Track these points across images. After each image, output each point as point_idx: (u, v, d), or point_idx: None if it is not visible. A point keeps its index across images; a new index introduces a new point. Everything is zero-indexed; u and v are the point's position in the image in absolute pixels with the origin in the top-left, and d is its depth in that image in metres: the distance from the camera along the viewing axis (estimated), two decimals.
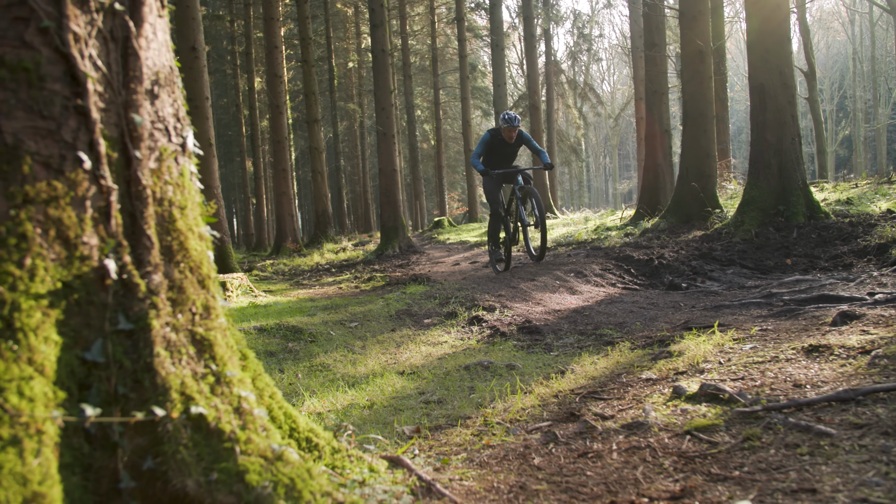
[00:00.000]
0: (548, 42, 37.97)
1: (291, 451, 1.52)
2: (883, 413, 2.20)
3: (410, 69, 37.35)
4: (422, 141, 47.07)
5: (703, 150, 13.03)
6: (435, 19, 37.16)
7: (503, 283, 7.80)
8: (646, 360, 3.77)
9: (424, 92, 47.30)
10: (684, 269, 8.26)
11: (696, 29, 13.33)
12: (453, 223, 29.82)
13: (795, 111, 10.52)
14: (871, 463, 1.85)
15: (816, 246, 8.71)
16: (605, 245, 11.55)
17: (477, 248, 17.36)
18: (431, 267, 12.78)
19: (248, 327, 5.83)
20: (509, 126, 9.53)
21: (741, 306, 5.40)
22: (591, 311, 6.16)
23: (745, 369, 3.11)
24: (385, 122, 17.46)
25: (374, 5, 17.44)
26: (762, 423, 2.27)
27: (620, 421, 2.61)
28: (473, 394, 3.66)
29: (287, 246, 23.22)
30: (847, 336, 3.44)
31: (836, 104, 67.30)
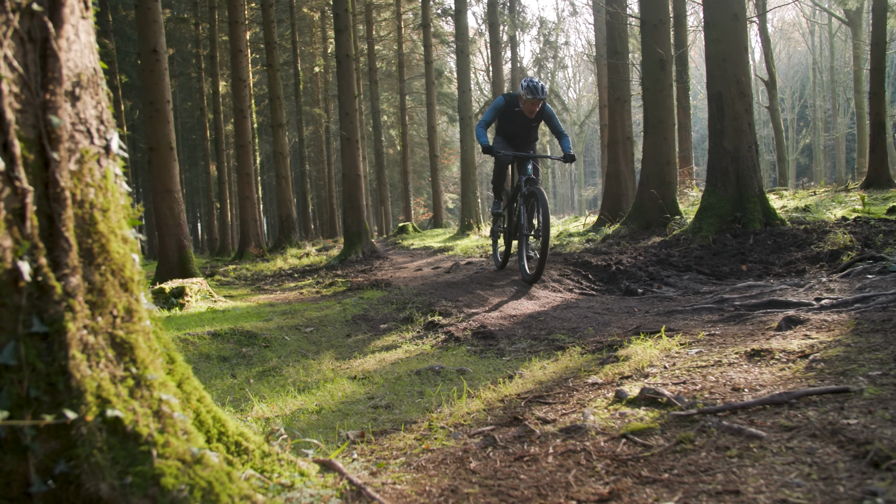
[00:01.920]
0: (514, 49, 38.11)
1: (212, 455, 1.52)
2: (813, 416, 2.24)
3: (377, 74, 37.36)
4: (388, 146, 47.05)
5: (664, 158, 13.16)
6: (401, 25, 37.17)
7: (462, 289, 7.82)
8: (594, 365, 3.80)
9: (391, 97, 47.33)
10: (641, 274, 8.33)
11: (658, 37, 13.47)
12: (418, 229, 29.82)
13: (752, 119, 10.65)
14: (796, 464, 1.88)
15: (772, 252, 8.82)
16: (566, 251, 11.61)
17: (440, 253, 17.37)
18: (394, 272, 12.76)
19: (202, 332, 5.79)
20: (533, 98, 7.93)
21: (693, 311, 5.46)
22: (546, 316, 6.19)
23: (688, 373, 3.15)
24: (349, 128, 17.42)
25: (338, 10, 17.41)
26: (696, 427, 2.30)
27: (560, 425, 2.62)
28: (422, 398, 3.66)
29: (250, 251, 23.09)
30: (789, 341, 3.49)
31: (797, 113, 68.32)
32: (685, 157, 24.85)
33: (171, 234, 12.49)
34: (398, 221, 45.11)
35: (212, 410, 1.82)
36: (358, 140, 17.70)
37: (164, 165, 12.51)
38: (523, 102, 8.11)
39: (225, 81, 34.41)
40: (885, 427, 2.05)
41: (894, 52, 38.36)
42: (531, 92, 7.95)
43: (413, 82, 45.13)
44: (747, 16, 30.54)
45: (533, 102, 8.03)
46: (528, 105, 8.09)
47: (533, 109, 8.12)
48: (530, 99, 7.97)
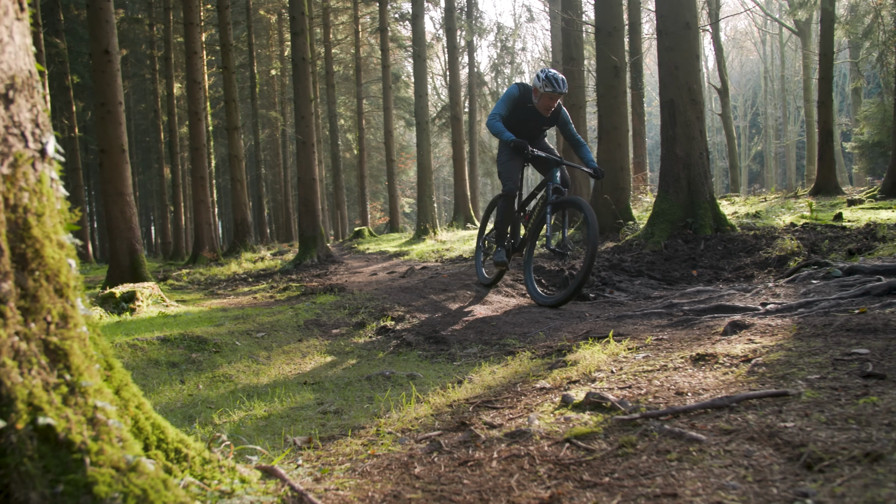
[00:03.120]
0: (471, 54, 38.27)
1: (148, 462, 1.50)
2: (752, 419, 2.28)
3: (334, 78, 37.24)
4: (344, 150, 46.91)
5: (618, 164, 13.29)
6: (359, 29, 37.12)
7: (415, 294, 7.83)
8: (542, 370, 3.83)
9: (348, 101, 47.22)
10: (593, 279, 8.41)
11: (612, 45, 13.60)
12: (374, 233, 29.76)
13: (704, 126, 10.81)
14: (733, 467, 1.91)
15: (722, 258, 8.95)
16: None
17: (396, 257, 17.36)
18: (349, 277, 12.72)
19: (151, 337, 5.72)
20: (553, 92, 6.75)
21: (643, 316, 5.52)
22: (498, 321, 6.22)
23: (633, 378, 3.18)
24: (305, 131, 17.34)
25: (295, 13, 17.33)
26: (639, 431, 2.33)
27: (506, 429, 2.64)
28: (371, 404, 3.66)
29: (204, 255, 22.87)
30: (734, 345, 3.55)
31: (749, 120, 69.47)
32: (639, 163, 25.17)
33: (123, 238, 12.33)
34: (355, 226, 44.98)
35: (151, 417, 1.80)
36: (314, 144, 17.63)
37: (115, 168, 12.35)
38: (539, 97, 6.91)
39: (180, 83, 34.08)
40: (820, 430, 2.09)
41: (842, 62, 39.21)
42: (551, 84, 6.77)
43: (370, 86, 45.10)
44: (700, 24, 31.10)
45: (551, 97, 6.86)
46: (544, 101, 6.91)
47: (550, 106, 6.97)
48: (549, 93, 6.79)
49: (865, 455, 1.84)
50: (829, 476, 1.77)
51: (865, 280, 5.31)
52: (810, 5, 27.80)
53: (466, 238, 20.24)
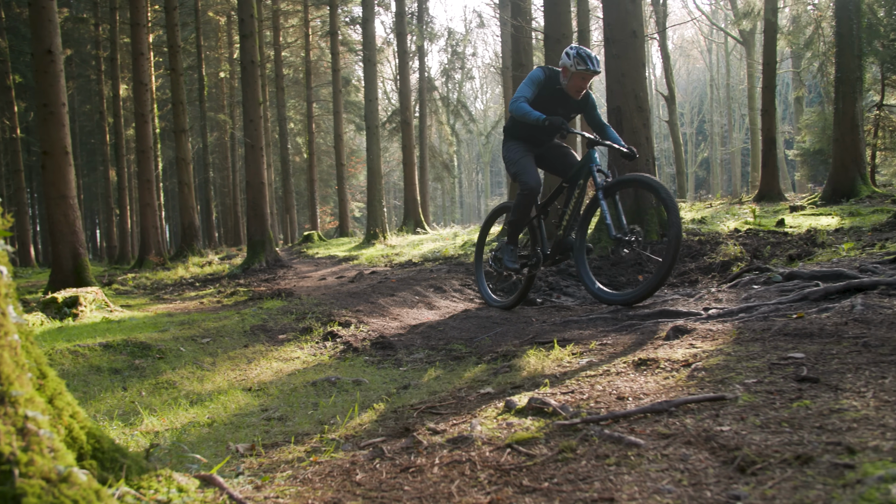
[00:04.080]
0: (422, 59, 38.27)
1: (80, 473, 1.48)
2: (690, 423, 2.32)
3: (283, 81, 37.01)
4: (294, 154, 46.62)
5: None
6: (309, 32, 36.95)
7: (363, 299, 7.81)
8: (487, 375, 3.84)
9: (298, 104, 46.93)
10: (541, 284, 8.46)
11: (560, 52, 13.71)
12: (323, 238, 29.64)
13: (650, 134, 10.95)
14: (669, 471, 1.94)
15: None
16: (470, 261, 11.70)
17: (345, 262, 17.30)
18: (297, 282, 12.64)
19: (93, 343, 5.62)
20: (586, 70, 5.94)
21: (588, 321, 5.57)
22: (445, 326, 6.23)
23: (577, 383, 3.22)
24: (253, 135, 17.20)
25: (244, 16, 17.20)
26: (579, 436, 2.35)
27: (448, 435, 2.64)
28: (316, 410, 3.64)
29: (151, 259, 22.56)
30: (675, 350, 3.60)
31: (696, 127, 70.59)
32: None
33: (66, 242, 12.10)
34: (304, 230, 44.71)
35: (86, 426, 1.77)
36: (263, 147, 17.50)
37: (58, 170, 12.11)
38: (570, 77, 6.11)
39: (126, 85, 33.57)
40: (755, 433, 2.13)
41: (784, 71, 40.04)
42: (584, 61, 5.97)
43: (320, 90, 44.88)
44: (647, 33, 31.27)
45: (584, 77, 6.05)
46: (576, 81, 6.10)
47: (582, 87, 6.15)
48: (581, 71, 5.98)
49: (796, 458, 1.88)
50: (761, 479, 1.80)
51: (804, 285, 5.42)
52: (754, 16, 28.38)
53: (416, 243, 20.24)
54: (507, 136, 6.78)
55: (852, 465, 1.79)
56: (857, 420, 2.14)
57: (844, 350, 3.10)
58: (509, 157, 6.68)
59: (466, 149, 73.51)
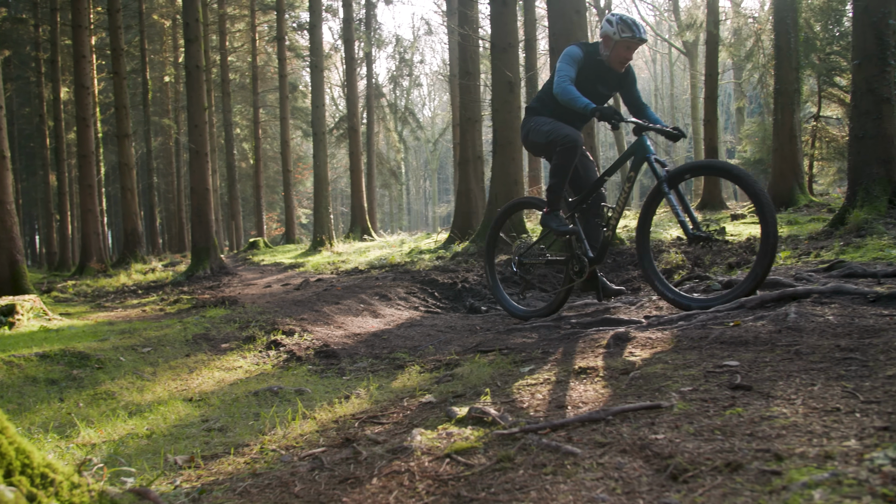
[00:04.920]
0: (369, 65, 38.27)
1: (7, 490, 1.45)
2: (626, 431, 2.35)
3: (230, 86, 36.67)
4: (240, 160, 46.17)
5: (512, 177, 13.50)
6: (256, 37, 36.68)
7: (308, 307, 7.76)
8: (430, 384, 3.85)
9: (244, 110, 46.51)
10: (486, 292, 8.51)
11: (507, 61, 13.83)
12: (269, 244, 29.40)
13: (595, 143, 11.09)
14: (604, 480, 1.97)
15: (611, 271, 9.19)
16: (416, 268, 11.71)
17: (291, 269, 17.20)
18: (242, 289, 12.52)
19: (29, 353, 5.49)
20: (632, 38, 5.31)
21: (532, 329, 5.62)
22: (390, 334, 6.23)
23: (517, 392, 3.24)
24: (198, 140, 17.01)
25: (189, 20, 17.02)
26: (517, 445, 2.37)
27: (388, 445, 2.65)
28: (257, 420, 3.61)
29: (92, 266, 22.13)
30: (615, 358, 3.65)
31: None
32: (535, 177, 25.62)
33: (3, 248, 11.83)
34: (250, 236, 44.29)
35: (15, 441, 1.74)
36: (207, 153, 17.32)
37: None
38: (612, 47, 5.46)
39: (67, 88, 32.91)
40: (688, 441, 2.17)
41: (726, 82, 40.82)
42: (629, 28, 5.37)
43: (267, 95, 44.58)
44: None
45: (629, 46, 5.42)
46: (619, 51, 5.47)
47: (627, 58, 5.52)
48: (627, 39, 5.34)
49: (727, 465, 1.93)
50: (692, 486, 1.84)
51: None
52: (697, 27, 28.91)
53: (363, 250, 20.19)
54: (531, 113, 5.95)
55: (779, 471, 1.83)
56: (786, 427, 2.20)
57: (777, 358, 3.17)
58: (538, 127, 5.75)
59: (414, 156, 73.54)
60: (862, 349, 3.13)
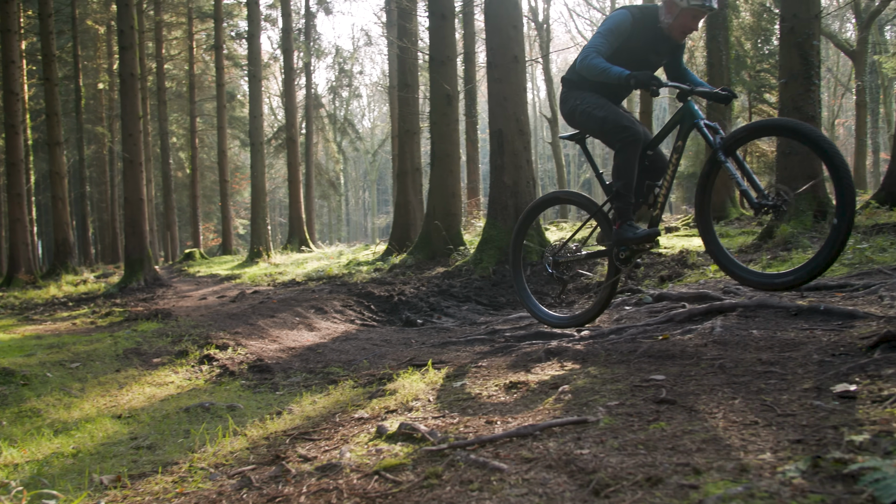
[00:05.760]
0: (308, 76, 38.08)
1: None
2: (553, 447, 2.39)
3: (166, 94, 36.16)
4: (176, 169, 45.46)
5: (449, 190, 13.56)
6: (193, 45, 36.25)
7: (243, 320, 7.68)
8: (362, 399, 3.85)
9: (181, 118, 45.84)
10: (422, 305, 8.52)
11: (445, 73, 13.90)
12: (206, 255, 29.03)
13: (531, 156, 11.21)
14: (529, 495, 2.00)
15: (546, 283, 9.27)
16: (353, 280, 11.68)
17: (227, 281, 17.01)
18: (177, 301, 12.33)
19: None
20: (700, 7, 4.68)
21: (466, 343, 5.65)
22: (325, 348, 6.20)
23: (449, 406, 3.26)
24: (132, 150, 16.72)
25: (123, 27, 16.75)
26: (446, 461, 2.39)
27: (318, 463, 2.64)
28: (187, 438, 3.57)
29: (20, 277, 21.53)
30: (546, 372, 3.70)
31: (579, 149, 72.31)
32: (473, 189, 25.73)
33: None
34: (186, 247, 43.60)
35: None
36: (142, 163, 17.04)
37: None
38: (677, 14, 4.85)
39: None
40: (612, 456, 2.22)
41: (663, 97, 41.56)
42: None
43: (205, 104, 44.01)
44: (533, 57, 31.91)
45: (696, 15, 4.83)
46: (685, 20, 4.85)
47: (692, 28, 4.89)
48: (696, 7, 4.73)
49: (647, 480, 1.97)
50: (613, 501, 1.88)
51: (672, 306, 5.65)
52: None
53: (300, 261, 20.05)
54: (572, 87, 5.32)
55: (697, 485, 1.88)
56: (706, 441, 2.26)
57: (702, 372, 3.25)
58: (589, 110, 5.08)
59: (353, 166, 73.34)
60: (782, 363, 3.23)
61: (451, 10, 14.46)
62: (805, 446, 2.09)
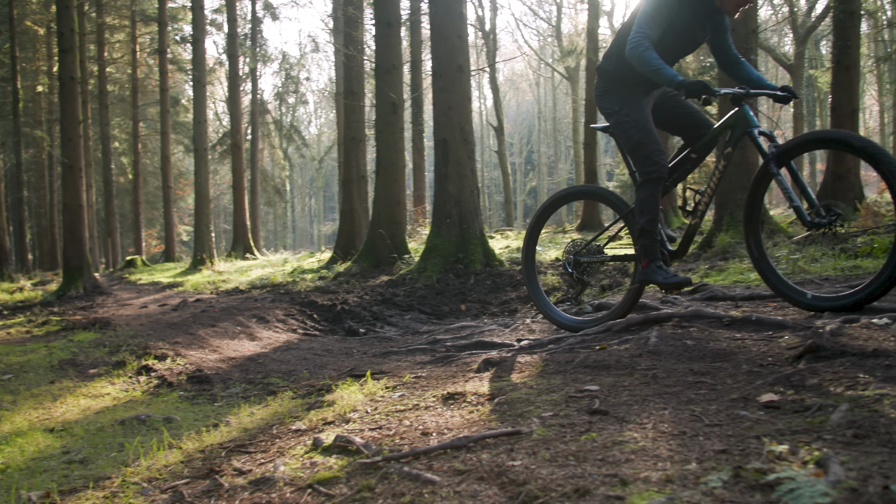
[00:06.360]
0: (254, 81, 37.81)
1: None
2: (486, 458, 2.41)
3: (108, 98, 35.59)
4: (118, 174, 44.71)
5: (394, 198, 13.57)
6: (137, 48, 35.75)
7: (181, 330, 7.59)
8: (301, 410, 3.84)
9: (123, 123, 45.10)
10: (365, 314, 8.51)
11: (391, 82, 13.92)
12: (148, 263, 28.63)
13: (475, 165, 11.29)
14: None
15: (490, 292, 9.33)
16: (297, 289, 11.62)
17: (169, 289, 16.79)
18: (117, 310, 12.14)
19: None
20: None
21: (408, 352, 5.66)
22: (266, 358, 6.16)
23: (386, 418, 3.27)
24: (72, 155, 16.42)
25: (63, 29, 16.46)
26: (379, 474, 2.40)
27: (251, 476, 2.63)
28: (122, 451, 3.52)
29: None
30: (483, 382, 3.73)
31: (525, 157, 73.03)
32: (419, 197, 25.78)
33: None
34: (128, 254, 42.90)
35: None
36: (82, 168, 16.74)
37: None
38: None
39: None
40: (543, 467, 2.25)
41: None
42: None
43: (148, 109, 43.36)
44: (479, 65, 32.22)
45: None
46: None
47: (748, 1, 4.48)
48: None
49: (576, 491, 2.00)
50: None
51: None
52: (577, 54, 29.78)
53: (244, 269, 19.88)
54: (608, 82, 4.99)
55: (623, 496, 1.92)
56: (635, 452, 2.30)
57: (636, 382, 3.31)
58: (623, 122, 4.83)
59: (300, 173, 72.89)
60: (712, 373, 3.30)
61: (396, 18, 14.49)
62: (729, 456, 2.14)
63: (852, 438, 2.17)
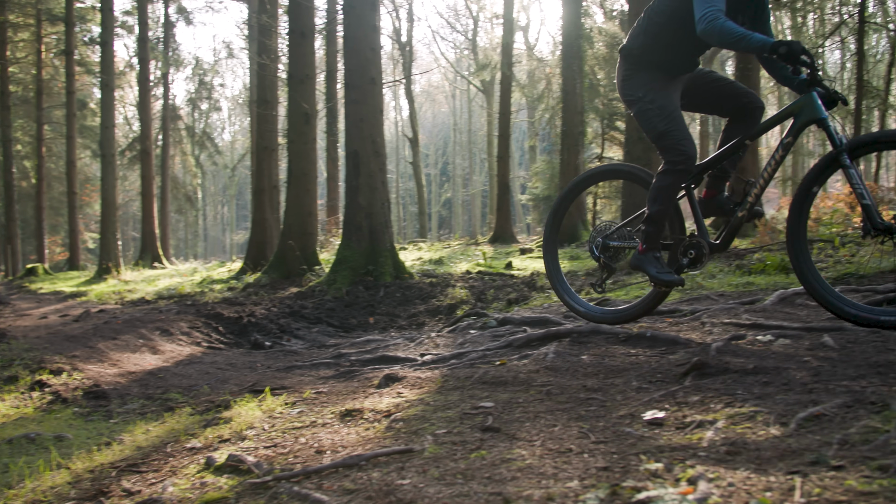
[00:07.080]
0: (166, 86, 37.16)
1: None
2: (376, 477, 2.43)
3: (10, 99, 34.33)
4: (21, 178, 43.14)
5: (306, 209, 13.51)
6: (42, 48, 34.64)
7: (80, 342, 7.39)
8: (197, 428, 3.79)
9: (26, 125, 43.55)
10: (272, 327, 8.44)
11: (304, 92, 13.87)
12: (50, 271, 27.74)
13: (386, 178, 11.31)
14: None
15: (399, 305, 9.36)
16: (205, 300, 11.44)
17: (72, 298, 16.31)
18: (14, 321, 11.72)
19: None
20: None
21: (312, 367, 5.64)
22: (167, 372, 6.05)
23: (282, 436, 3.26)
24: None
25: None
26: (269, 494, 2.40)
27: (139, 498, 2.60)
28: (6, 473, 3.42)
29: None
30: (383, 399, 3.75)
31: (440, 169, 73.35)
32: (333, 207, 25.64)
33: None
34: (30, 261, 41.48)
35: None
36: None
37: None
38: None
39: None
40: (431, 486, 2.28)
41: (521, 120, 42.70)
42: None
43: (53, 111, 42.03)
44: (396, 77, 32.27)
45: None
46: None
47: None
48: None
49: None
50: None
51: (514, 331, 5.80)
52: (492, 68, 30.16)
53: (152, 278, 19.45)
54: (633, 64, 4.66)
55: None
56: (521, 469, 2.35)
57: (530, 398, 3.38)
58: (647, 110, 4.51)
59: (212, 180, 71.72)
60: (604, 389, 3.39)
61: (310, 28, 14.45)
62: (609, 474, 2.21)
63: (725, 455, 2.26)
